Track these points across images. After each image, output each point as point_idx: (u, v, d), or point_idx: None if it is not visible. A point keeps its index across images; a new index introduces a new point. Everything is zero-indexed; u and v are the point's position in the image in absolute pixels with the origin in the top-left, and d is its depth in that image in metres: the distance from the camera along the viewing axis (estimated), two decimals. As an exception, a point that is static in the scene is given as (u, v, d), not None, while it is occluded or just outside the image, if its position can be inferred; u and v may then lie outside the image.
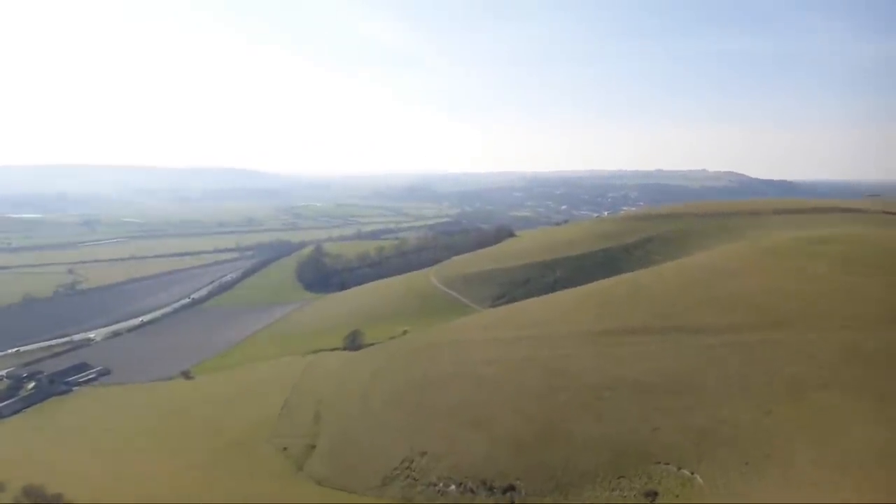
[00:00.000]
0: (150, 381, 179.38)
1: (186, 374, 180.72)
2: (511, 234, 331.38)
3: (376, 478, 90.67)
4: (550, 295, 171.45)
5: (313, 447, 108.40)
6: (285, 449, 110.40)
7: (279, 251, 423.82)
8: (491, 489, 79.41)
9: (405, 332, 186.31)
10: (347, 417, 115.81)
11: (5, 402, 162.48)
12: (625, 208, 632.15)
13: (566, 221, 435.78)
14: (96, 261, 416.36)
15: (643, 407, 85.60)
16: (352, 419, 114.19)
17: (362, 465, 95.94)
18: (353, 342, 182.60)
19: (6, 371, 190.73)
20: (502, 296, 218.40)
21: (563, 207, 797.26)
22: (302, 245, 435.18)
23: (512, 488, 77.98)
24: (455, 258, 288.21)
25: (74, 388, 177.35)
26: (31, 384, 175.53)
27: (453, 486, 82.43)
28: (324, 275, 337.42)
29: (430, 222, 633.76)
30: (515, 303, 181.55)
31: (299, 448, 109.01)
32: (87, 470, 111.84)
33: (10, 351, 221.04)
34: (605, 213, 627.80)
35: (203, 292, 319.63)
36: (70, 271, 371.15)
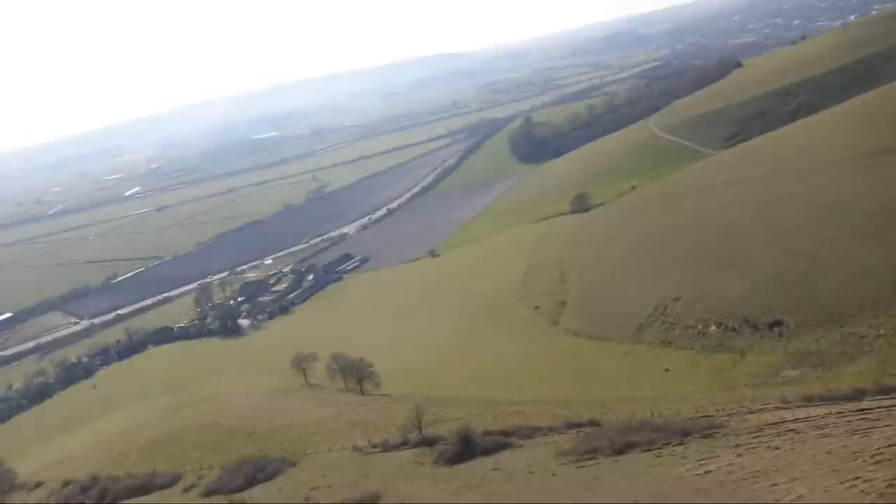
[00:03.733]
0: (404, 262, 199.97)
1: (433, 253, 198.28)
2: (738, 65, 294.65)
3: (632, 325, 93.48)
4: (796, 123, 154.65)
5: (563, 303, 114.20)
6: (537, 307, 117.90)
7: (489, 130, 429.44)
8: (755, 326, 77.76)
9: (633, 188, 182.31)
10: (592, 274, 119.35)
11: (295, 293, 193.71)
12: (877, 7, 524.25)
13: (803, 38, 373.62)
14: (333, 165, 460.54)
15: (931, 227, 76.23)
16: (596, 275, 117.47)
17: (615, 315, 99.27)
18: (581, 205, 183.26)
19: (289, 267, 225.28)
20: (736, 134, 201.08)
21: (796, 22, 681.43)
22: (509, 119, 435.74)
23: (779, 323, 75.54)
24: (675, 103, 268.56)
25: (344, 276, 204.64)
26: (311, 276, 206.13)
27: (713, 327, 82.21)
28: (537, 144, 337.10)
29: (639, 70, 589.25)
30: (754, 139, 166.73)
31: (551, 305, 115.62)
32: (371, 340, 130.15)
33: (282, 252, 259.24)
34: (853, 17, 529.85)
35: (430, 179, 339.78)
36: (314, 178, 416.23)
